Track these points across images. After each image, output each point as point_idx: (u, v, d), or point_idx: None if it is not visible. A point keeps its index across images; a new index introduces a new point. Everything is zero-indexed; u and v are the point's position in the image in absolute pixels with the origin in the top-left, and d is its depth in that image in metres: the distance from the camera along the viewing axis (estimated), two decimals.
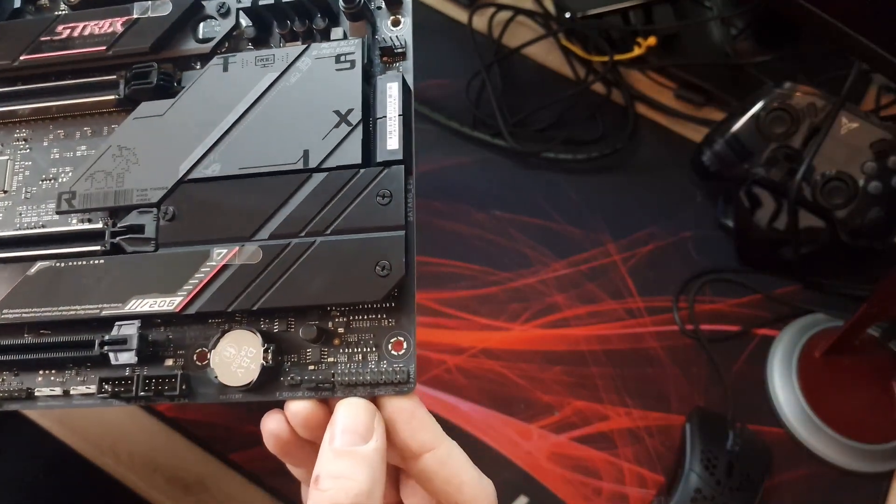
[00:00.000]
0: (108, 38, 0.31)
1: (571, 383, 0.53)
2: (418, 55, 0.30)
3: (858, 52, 0.46)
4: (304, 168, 0.28)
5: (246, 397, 0.28)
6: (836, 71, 0.55)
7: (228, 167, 0.28)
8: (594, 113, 0.63)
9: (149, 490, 0.50)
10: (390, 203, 0.27)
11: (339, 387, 0.27)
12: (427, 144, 0.61)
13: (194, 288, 0.28)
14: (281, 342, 0.28)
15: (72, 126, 0.32)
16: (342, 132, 0.28)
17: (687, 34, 0.64)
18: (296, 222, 0.28)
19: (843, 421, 0.51)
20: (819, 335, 0.54)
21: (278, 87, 0.29)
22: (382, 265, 0.27)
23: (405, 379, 0.27)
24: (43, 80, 0.32)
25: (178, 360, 0.29)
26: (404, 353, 0.27)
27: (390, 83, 0.28)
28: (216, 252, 0.28)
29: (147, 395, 0.28)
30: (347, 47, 0.29)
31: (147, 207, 0.29)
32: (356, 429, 0.26)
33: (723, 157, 0.54)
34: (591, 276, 0.57)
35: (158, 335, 0.29)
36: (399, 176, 0.27)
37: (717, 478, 0.48)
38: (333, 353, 0.28)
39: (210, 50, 0.31)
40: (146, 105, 0.30)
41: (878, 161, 0.50)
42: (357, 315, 0.28)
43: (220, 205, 0.28)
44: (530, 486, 0.50)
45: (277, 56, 0.29)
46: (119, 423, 0.52)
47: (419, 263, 0.57)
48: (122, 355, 0.28)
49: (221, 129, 0.29)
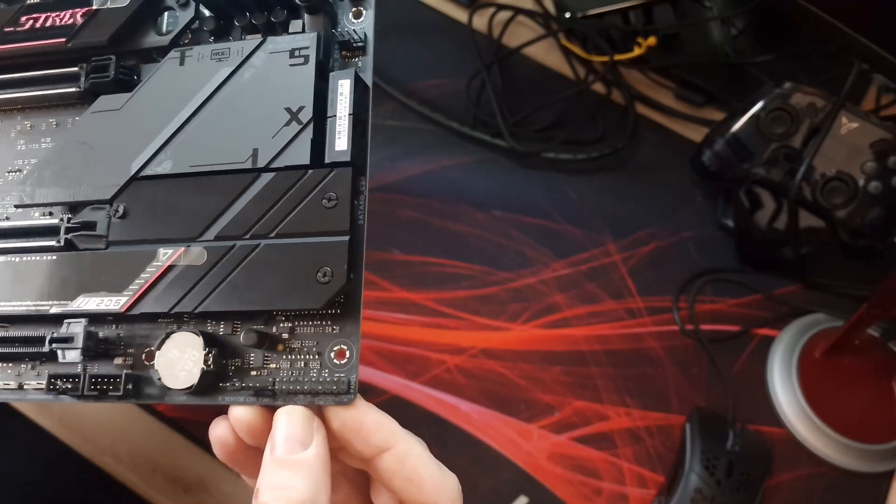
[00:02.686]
0: (68, 30, 0.30)
1: (571, 383, 0.53)
2: (418, 55, 0.30)
3: (858, 52, 0.46)
4: (252, 167, 0.27)
5: (190, 400, 0.27)
6: (836, 71, 0.55)
7: (180, 165, 0.28)
8: (594, 113, 0.62)
9: (149, 490, 0.50)
10: (336, 206, 0.26)
11: (279, 394, 0.27)
12: (427, 144, 0.61)
13: (140, 288, 0.27)
14: (226, 346, 0.27)
15: (38, 118, 0.32)
16: (292, 131, 0.27)
17: (687, 34, 0.64)
18: (241, 224, 0.27)
19: (843, 421, 0.51)
20: (819, 335, 0.54)
21: (232, 83, 0.28)
22: (324, 272, 0.26)
23: (345, 389, 0.26)
24: (10, 71, 0.31)
25: (128, 359, 0.28)
26: (346, 362, 0.27)
27: (342, 80, 0.27)
28: (162, 252, 0.27)
29: (92, 393, 0.27)
30: (302, 41, 0.28)
31: (100, 204, 0.29)
32: (295, 436, 0.25)
33: (723, 157, 0.54)
34: (592, 276, 0.57)
35: (110, 332, 0.29)
36: (347, 178, 0.26)
37: (717, 478, 0.48)
38: (276, 358, 0.27)
39: (168, 42, 0.30)
40: (104, 99, 0.29)
41: (878, 161, 0.50)
42: (301, 321, 0.27)
43: (170, 203, 0.28)
44: (530, 486, 0.50)
45: (233, 50, 0.28)
46: (119, 423, 0.52)
47: (419, 263, 0.57)
48: (69, 353, 0.28)
49: (175, 125, 0.28)
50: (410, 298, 0.56)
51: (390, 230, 0.58)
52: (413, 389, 0.53)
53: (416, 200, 0.59)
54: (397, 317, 0.55)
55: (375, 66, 0.29)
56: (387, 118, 0.62)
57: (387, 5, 0.67)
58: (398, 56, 0.63)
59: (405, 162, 0.60)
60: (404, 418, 0.27)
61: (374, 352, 0.54)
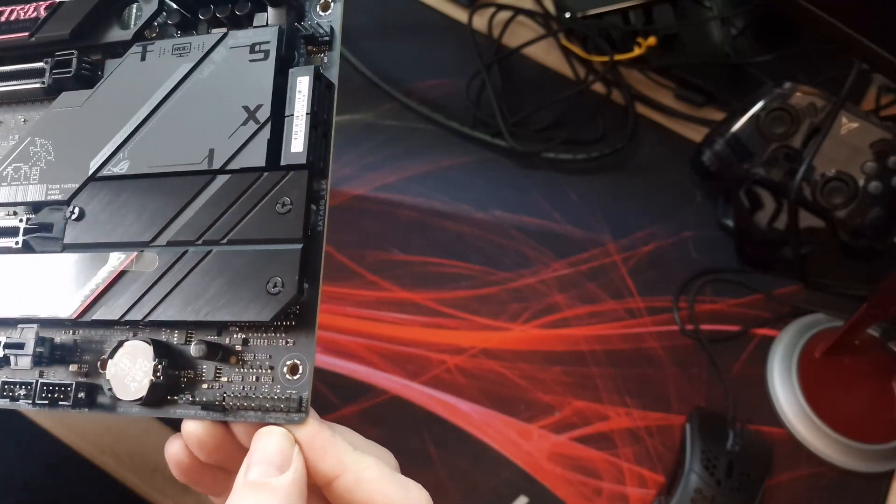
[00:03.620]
0: (31, 23, 0.29)
1: (571, 383, 0.53)
2: (418, 55, 0.29)
3: (858, 52, 0.46)
4: (207, 169, 0.26)
5: (142, 412, 0.26)
6: (836, 71, 0.55)
7: (138, 165, 0.27)
8: (594, 113, 0.63)
9: (149, 490, 0.50)
10: (290, 212, 0.24)
11: (230, 410, 0.25)
12: (427, 144, 0.61)
13: (92, 294, 0.26)
14: (178, 357, 0.26)
15: (6, 114, 0.31)
16: (249, 130, 0.25)
17: (687, 34, 0.64)
18: (194, 229, 0.26)
19: (843, 421, 0.51)
20: (819, 335, 0.54)
21: (192, 79, 0.27)
22: (274, 282, 0.24)
23: (296, 407, 0.24)
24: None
25: (83, 367, 0.27)
26: (299, 377, 0.25)
27: (301, 77, 0.25)
28: (115, 257, 0.26)
29: (43, 402, 0.26)
30: (263, 36, 0.26)
31: (57, 205, 0.28)
32: (271, 459, 0.24)
33: (723, 157, 0.54)
34: (592, 276, 0.57)
35: (66, 338, 0.28)
36: (302, 182, 0.25)
37: (717, 478, 0.48)
38: (229, 371, 0.26)
39: (131, 37, 0.28)
40: (66, 95, 0.28)
41: (878, 161, 0.50)
42: (255, 332, 0.26)
43: (126, 205, 0.27)
44: (530, 486, 0.50)
45: (194, 45, 0.27)
46: (119, 423, 0.51)
47: (419, 263, 0.57)
48: (21, 359, 0.27)
49: (133, 123, 0.27)
50: (410, 298, 0.56)
51: (390, 230, 0.58)
52: (413, 389, 0.53)
53: (416, 200, 0.59)
54: (397, 317, 0.55)
55: (375, 66, 0.28)
56: (387, 118, 0.62)
57: (387, 5, 0.68)
58: (398, 56, 0.63)
59: (405, 162, 0.60)
60: (404, 418, 0.27)
61: (374, 352, 0.54)
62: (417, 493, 0.26)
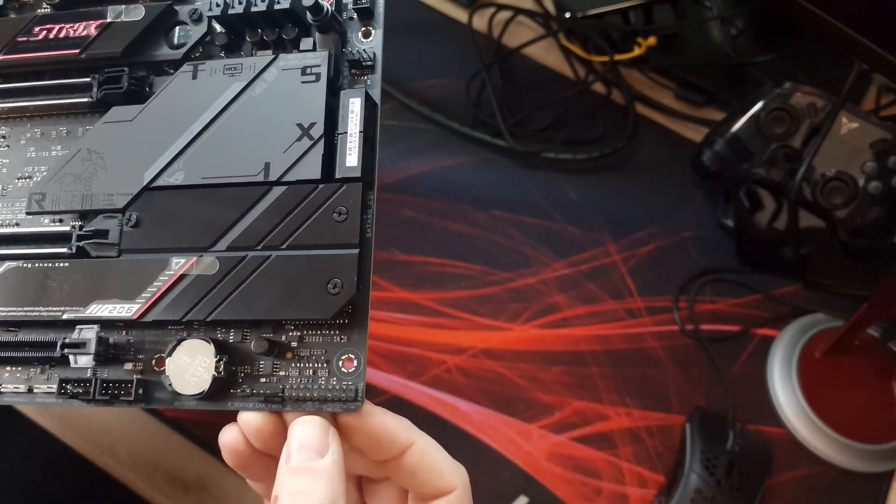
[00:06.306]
0: (81, 41, 0.31)
1: (571, 383, 0.53)
2: (418, 55, 0.30)
3: (858, 52, 0.46)
4: (264, 181, 0.28)
5: (199, 405, 0.28)
6: (836, 71, 0.55)
7: (192, 176, 0.28)
8: (594, 113, 0.63)
9: (149, 490, 0.50)
10: (346, 220, 0.27)
11: (288, 401, 0.27)
12: (427, 144, 0.61)
13: (152, 296, 0.28)
14: (235, 353, 0.28)
15: (48, 126, 0.32)
16: (304, 146, 0.28)
17: (687, 34, 0.64)
18: (253, 235, 0.28)
19: (843, 421, 0.51)
20: (819, 335, 0.54)
21: (244, 98, 0.29)
22: (334, 283, 0.26)
23: (353, 397, 0.27)
24: (21, 80, 0.32)
25: (138, 365, 0.29)
26: (354, 370, 0.27)
27: (353, 98, 0.28)
28: (175, 261, 0.28)
29: (104, 398, 0.28)
30: (314, 59, 0.29)
31: (112, 213, 0.29)
32: (311, 445, 0.26)
33: (723, 157, 0.54)
34: (592, 276, 0.57)
35: (120, 338, 0.29)
36: (356, 193, 0.27)
37: (717, 478, 0.48)
38: (285, 366, 0.28)
39: (181, 56, 0.31)
40: (117, 110, 0.30)
41: (878, 161, 0.50)
42: (310, 330, 0.28)
43: (182, 213, 0.28)
44: (530, 486, 0.50)
45: (245, 65, 0.29)
46: (119, 423, 0.52)
47: (419, 263, 0.57)
48: (81, 358, 0.28)
49: (187, 137, 0.29)
50: (410, 298, 0.56)
51: (390, 230, 0.58)
52: (413, 389, 0.53)
53: (416, 200, 0.59)
54: (397, 317, 0.55)
55: None
56: (387, 118, 0.62)
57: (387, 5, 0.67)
58: (398, 56, 0.63)
59: (405, 162, 0.60)
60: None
61: (375, 352, 0.54)
62: (461, 466, 0.30)
